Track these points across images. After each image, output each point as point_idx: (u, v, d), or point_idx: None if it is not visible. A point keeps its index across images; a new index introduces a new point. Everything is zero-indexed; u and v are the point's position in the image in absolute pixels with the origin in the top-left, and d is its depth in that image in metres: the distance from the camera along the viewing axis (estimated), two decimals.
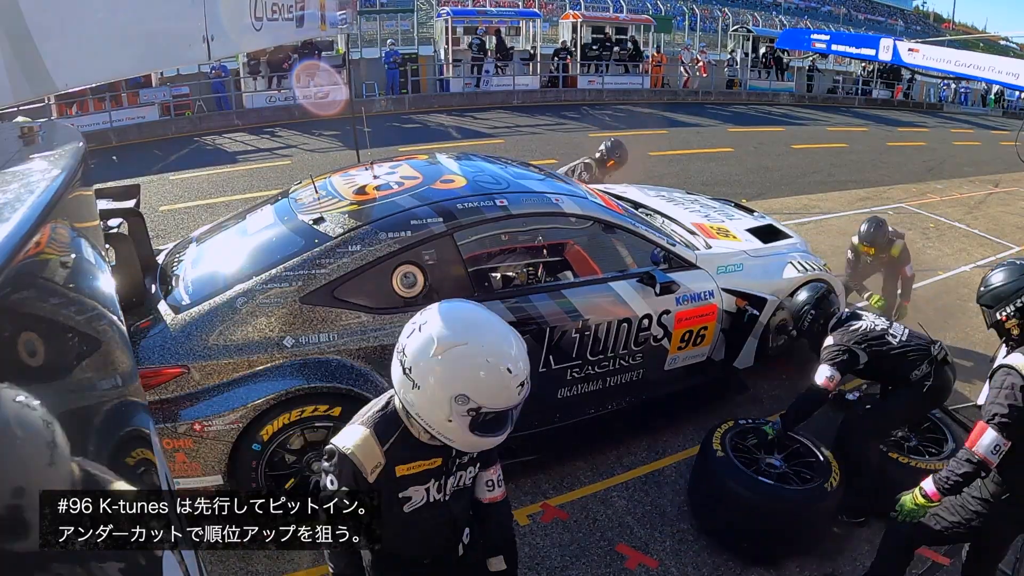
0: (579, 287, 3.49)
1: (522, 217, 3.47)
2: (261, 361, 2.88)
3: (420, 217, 3.19)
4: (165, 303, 3.01)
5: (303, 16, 3.42)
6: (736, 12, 27.05)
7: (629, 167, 6.37)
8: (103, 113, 12.41)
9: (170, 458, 2.77)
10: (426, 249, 3.13)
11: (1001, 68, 5.79)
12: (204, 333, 2.84)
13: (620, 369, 3.64)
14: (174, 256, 3.56)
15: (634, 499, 3.49)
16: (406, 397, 1.62)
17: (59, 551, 0.69)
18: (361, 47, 17.20)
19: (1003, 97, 24.60)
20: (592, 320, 3.43)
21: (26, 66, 1.21)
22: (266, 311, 2.90)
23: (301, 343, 2.92)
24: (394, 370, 1.64)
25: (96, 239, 1.20)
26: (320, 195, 3.48)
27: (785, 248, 4.38)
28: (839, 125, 17.82)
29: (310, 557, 3.04)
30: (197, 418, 2.77)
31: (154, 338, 2.83)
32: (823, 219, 8.72)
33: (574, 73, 18.70)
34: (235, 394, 2.83)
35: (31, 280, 0.72)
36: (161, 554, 1.00)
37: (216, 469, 2.85)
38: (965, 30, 42.29)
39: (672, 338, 3.73)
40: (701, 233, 4.30)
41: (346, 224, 3.17)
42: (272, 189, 9.11)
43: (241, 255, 3.28)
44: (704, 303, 3.81)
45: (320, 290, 2.97)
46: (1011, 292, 2.43)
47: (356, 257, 3.03)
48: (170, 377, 2.78)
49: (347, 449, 1.67)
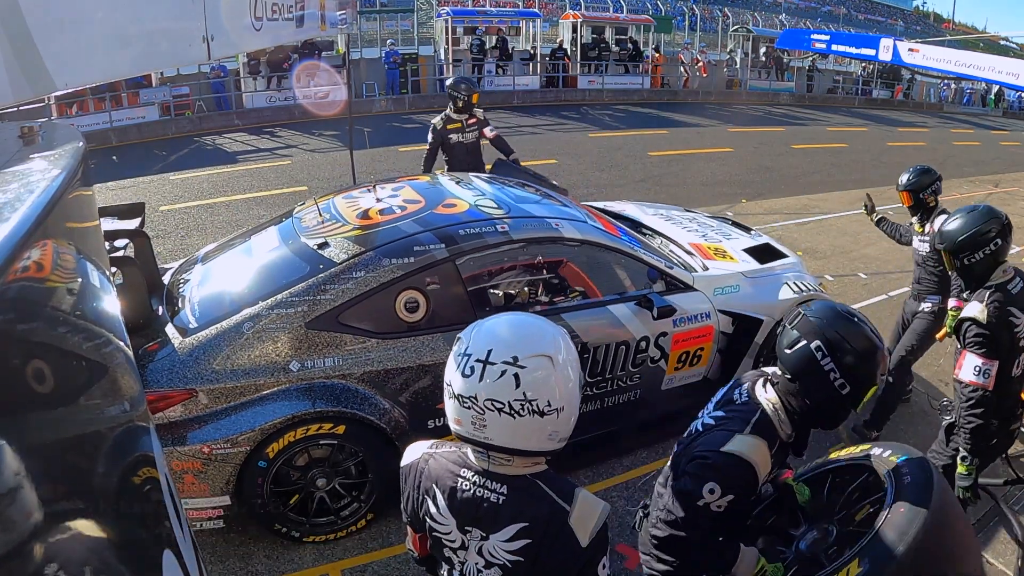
0: (578, 310, 3.50)
1: (523, 243, 3.49)
2: (268, 385, 2.90)
3: (423, 243, 3.22)
4: (172, 326, 3.02)
5: (303, 16, 3.42)
6: (736, 12, 27.10)
7: (630, 167, 6.34)
8: (103, 113, 12.42)
9: (179, 479, 2.78)
10: (429, 275, 3.16)
11: (1001, 68, 5.79)
12: (211, 357, 2.86)
13: (618, 390, 3.66)
14: (180, 276, 3.57)
15: (634, 499, 3.49)
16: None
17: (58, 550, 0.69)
18: (361, 47, 17.22)
19: (1003, 97, 24.63)
20: (591, 343, 3.45)
21: (26, 66, 1.21)
22: (272, 336, 2.93)
23: (307, 367, 2.95)
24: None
25: (96, 239, 1.20)
26: (324, 218, 3.51)
27: (780, 269, 4.39)
28: (839, 125, 17.84)
29: (310, 557, 3.04)
30: (206, 441, 2.79)
31: (162, 361, 2.85)
32: (823, 219, 8.72)
33: (574, 73, 18.72)
34: (243, 417, 2.84)
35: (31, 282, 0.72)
36: (161, 554, 1.00)
37: (224, 490, 2.87)
38: (965, 30, 42.33)
39: (669, 359, 3.76)
40: (698, 254, 4.31)
41: (350, 250, 3.19)
42: (272, 189, 9.14)
43: (247, 278, 3.30)
44: (701, 324, 3.82)
45: (325, 315, 2.99)
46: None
47: (360, 283, 3.06)
48: (179, 400, 2.80)
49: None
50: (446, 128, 5.82)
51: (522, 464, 1.33)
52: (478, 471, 1.35)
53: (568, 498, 1.31)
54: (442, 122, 5.83)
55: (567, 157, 11.41)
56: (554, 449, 1.33)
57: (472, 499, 1.33)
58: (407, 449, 1.49)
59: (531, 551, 1.30)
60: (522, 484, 1.33)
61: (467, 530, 1.35)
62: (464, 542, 1.36)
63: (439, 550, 1.41)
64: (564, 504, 1.30)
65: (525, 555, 1.30)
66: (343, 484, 3.09)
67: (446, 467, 1.38)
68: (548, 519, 1.30)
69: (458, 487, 1.35)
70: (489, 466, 1.33)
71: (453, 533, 1.37)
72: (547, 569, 1.31)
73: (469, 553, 1.36)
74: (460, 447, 1.41)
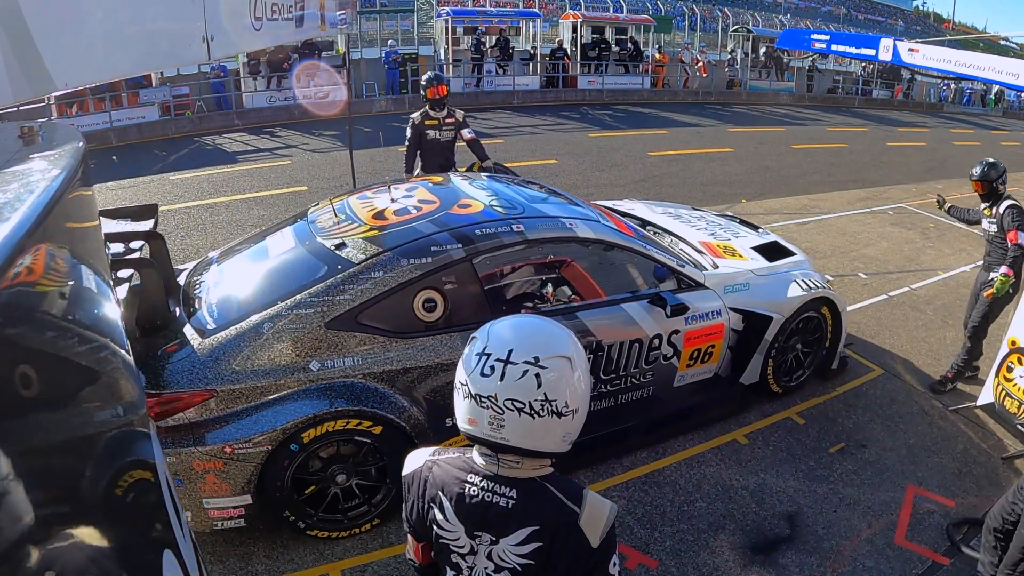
0: (592, 309, 3.53)
1: (538, 242, 3.52)
2: (288, 385, 2.91)
3: (440, 244, 3.25)
4: (191, 327, 3.04)
5: (303, 16, 3.42)
6: (736, 12, 27.07)
7: (629, 167, 6.38)
8: (103, 113, 12.41)
9: (200, 479, 2.81)
10: (446, 275, 3.19)
11: (1001, 68, 5.78)
12: (231, 358, 2.88)
13: (631, 387, 3.71)
14: (195, 277, 3.59)
15: (634, 499, 3.50)
16: None
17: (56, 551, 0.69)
18: (361, 47, 17.21)
19: (1003, 97, 24.63)
20: (605, 341, 3.49)
21: (26, 66, 1.21)
22: (292, 336, 2.95)
23: (327, 367, 2.97)
24: None
25: (96, 240, 1.20)
26: (339, 218, 3.54)
27: (788, 267, 4.47)
28: (839, 125, 17.84)
29: (311, 557, 3.04)
30: (228, 440, 2.80)
31: (182, 362, 2.86)
32: (823, 219, 8.72)
33: (574, 73, 18.72)
34: (264, 417, 2.85)
35: (30, 282, 0.72)
36: (161, 554, 1.00)
37: (245, 489, 2.88)
38: (965, 30, 42.33)
39: (681, 356, 3.81)
40: (708, 252, 4.38)
41: (368, 250, 3.21)
42: (272, 189, 9.14)
43: (264, 279, 3.33)
44: (712, 322, 3.88)
45: (344, 315, 3.02)
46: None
47: (379, 283, 3.09)
48: (199, 401, 2.81)
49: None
50: (424, 123, 5.89)
51: (530, 467, 1.33)
52: (485, 475, 1.34)
53: (577, 500, 1.31)
54: (420, 117, 5.90)
55: (567, 157, 11.40)
56: (563, 451, 1.33)
57: (480, 504, 1.33)
58: (408, 457, 1.48)
59: (542, 554, 1.30)
60: (531, 487, 1.32)
61: (476, 535, 1.34)
62: (473, 547, 1.35)
63: (446, 557, 1.40)
64: (573, 506, 1.31)
65: (536, 558, 1.30)
66: (359, 485, 3.11)
67: (451, 473, 1.38)
68: (558, 522, 1.30)
69: (465, 492, 1.34)
70: (498, 470, 1.33)
71: (461, 539, 1.36)
72: (558, 571, 1.31)
73: (478, 558, 1.35)
74: (464, 452, 1.40)
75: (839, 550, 3.25)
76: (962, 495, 3.69)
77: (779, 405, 4.35)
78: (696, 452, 3.87)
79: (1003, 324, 4.52)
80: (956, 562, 3.26)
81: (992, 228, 4.64)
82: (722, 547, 3.22)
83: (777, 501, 3.53)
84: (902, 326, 5.68)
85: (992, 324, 4.66)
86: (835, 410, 4.37)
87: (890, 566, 3.19)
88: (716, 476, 3.68)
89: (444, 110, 5.90)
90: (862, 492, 3.65)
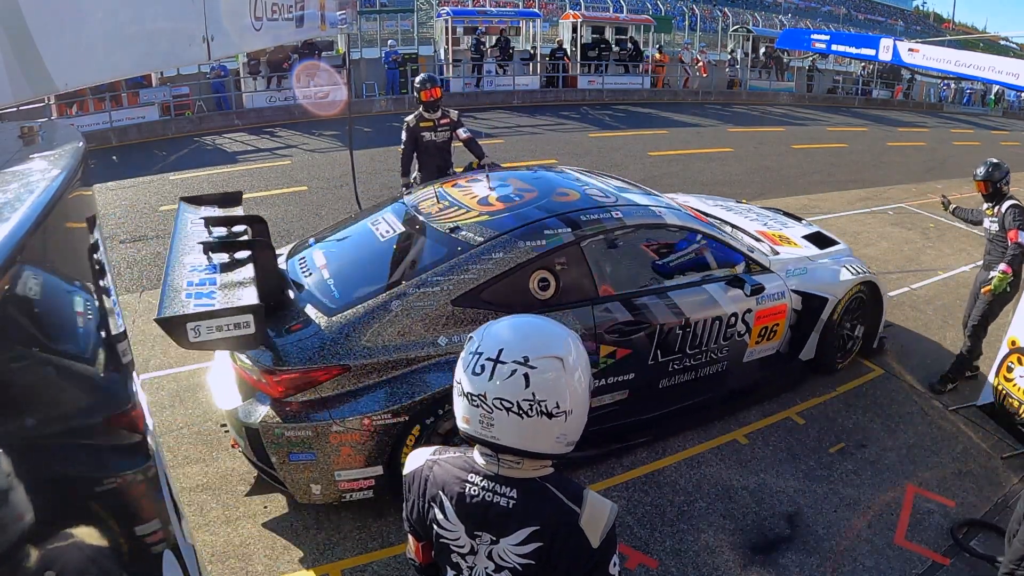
0: (680, 289, 3.84)
1: (634, 228, 3.83)
2: (419, 359, 3.09)
3: (551, 227, 3.53)
4: (312, 306, 3.20)
5: (303, 16, 3.42)
6: (736, 12, 27.07)
7: (630, 167, 6.39)
8: (103, 113, 12.41)
9: (335, 452, 2.93)
10: (558, 256, 3.46)
11: (1001, 68, 5.78)
12: (361, 334, 3.04)
13: (710, 361, 4.04)
14: (298, 260, 3.75)
15: (634, 499, 3.50)
16: None
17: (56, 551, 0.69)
18: (361, 47, 17.21)
19: (1003, 97, 24.63)
20: (692, 317, 3.83)
21: (26, 66, 1.21)
22: (420, 312, 3.15)
23: (454, 342, 3.15)
24: None
25: (96, 240, 1.20)
26: (443, 205, 3.81)
27: (837, 254, 4.88)
28: (839, 125, 17.84)
29: (311, 557, 3.04)
30: (366, 413, 2.94)
31: (311, 339, 3.01)
32: (823, 219, 8.70)
33: (574, 73, 18.71)
34: (401, 390, 3.02)
35: (30, 282, 0.72)
36: (161, 554, 1.00)
37: (379, 460, 3.02)
38: (965, 30, 42.32)
39: (752, 333, 4.18)
40: (766, 240, 4.79)
41: (485, 233, 3.46)
42: (272, 189, 9.13)
43: (379, 260, 3.60)
44: (778, 302, 4.26)
45: (469, 293, 3.25)
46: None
47: (500, 263, 3.34)
48: (332, 376, 2.95)
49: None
50: (419, 125, 5.88)
51: (531, 467, 1.32)
52: (486, 475, 1.33)
53: (577, 500, 1.31)
54: (415, 119, 5.89)
55: (567, 157, 11.40)
56: (562, 453, 1.32)
57: (481, 504, 1.33)
58: (409, 457, 1.48)
59: (542, 554, 1.30)
60: (531, 487, 1.32)
61: (476, 535, 1.34)
62: (473, 547, 1.35)
63: (446, 556, 1.40)
64: (574, 506, 1.30)
65: (536, 558, 1.30)
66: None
67: (452, 473, 1.37)
68: (559, 522, 1.29)
69: (466, 492, 1.34)
70: (499, 470, 1.33)
71: (462, 539, 1.36)
72: (559, 571, 1.30)
73: (478, 558, 1.35)
74: (465, 452, 1.40)
75: (839, 550, 3.25)
76: (962, 495, 3.69)
77: (779, 405, 4.36)
78: (696, 452, 3.87)
79: (1003, 324, 4.52)
80: (956, 562, 3.26)
81: (994, 227, 4.73)
82: (722, 547, 3.22)
83: (777, 501, 3.53)
84: (902, 326, 5.68)
85: (992, 324, 4.68)
86: (835, 410, 4.37)
87: (890, 566, 3.19)
88: (716, 476, 3.68)
89: (438, 112, 5.89)
90: (862, 492, 3.65)
